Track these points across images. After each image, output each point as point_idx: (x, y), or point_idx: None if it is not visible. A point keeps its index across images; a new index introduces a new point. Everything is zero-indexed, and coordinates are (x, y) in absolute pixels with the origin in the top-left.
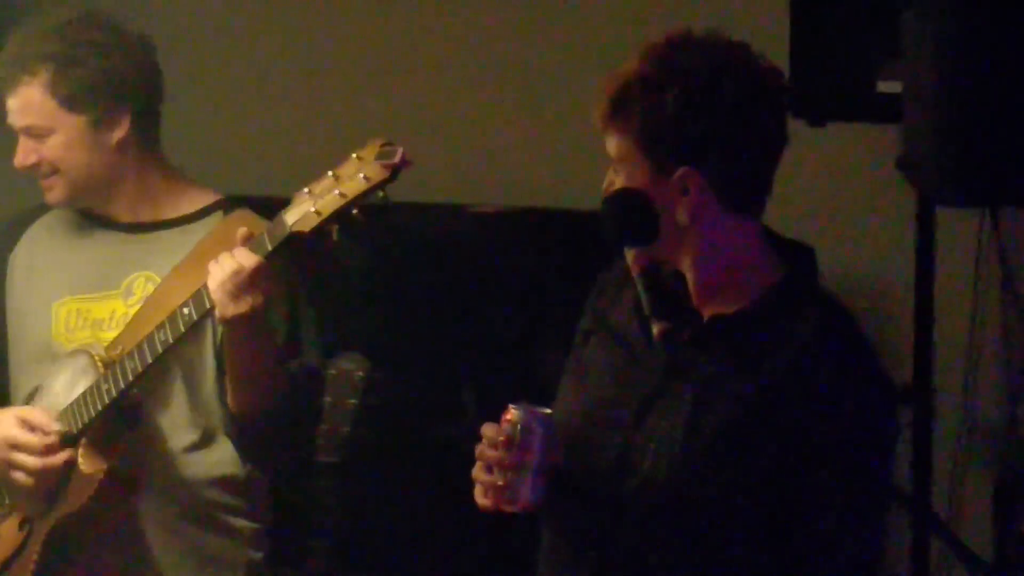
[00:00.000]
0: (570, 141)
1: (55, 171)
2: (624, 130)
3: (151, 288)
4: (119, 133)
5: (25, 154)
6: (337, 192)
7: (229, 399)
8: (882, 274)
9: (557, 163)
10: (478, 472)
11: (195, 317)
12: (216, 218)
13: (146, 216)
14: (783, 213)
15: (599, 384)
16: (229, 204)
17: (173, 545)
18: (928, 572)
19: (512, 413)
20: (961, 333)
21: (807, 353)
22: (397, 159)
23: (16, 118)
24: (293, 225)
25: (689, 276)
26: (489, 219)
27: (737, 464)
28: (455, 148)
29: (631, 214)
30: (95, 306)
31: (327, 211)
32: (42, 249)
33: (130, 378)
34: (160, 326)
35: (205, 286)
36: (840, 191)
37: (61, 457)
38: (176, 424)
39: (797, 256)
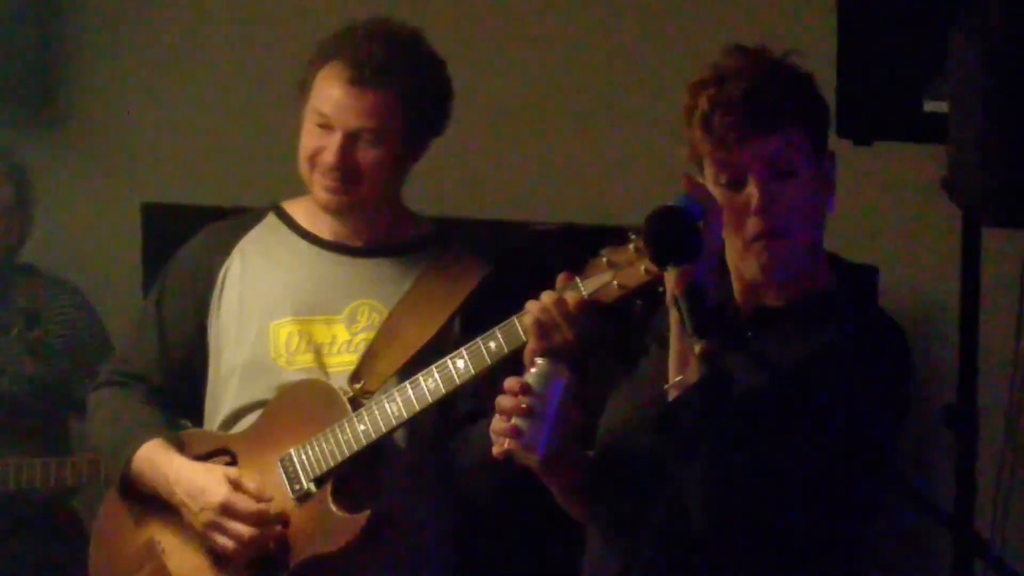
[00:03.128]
0: (632, 159)
1: (359, 179)
2: (795, 128)
3: (376, 317)
4: (415, 161)
5: (346, 155)
6: (643, 268)
7: None
8: (927, 293)
9: (621, 180)
10: (495, 422)
11: (472, 371)
12: (435, 251)
13: (371, 241)
14: (827, 231)
15: (643, 392)
16: (443, 233)
17: None
18: None
19: (537, 363)
20: (1006, 352)
21: (840, 347)
22: None
23: (356, 117)
24: (592, 294)
25: (766, 269)
26: (548, 236)
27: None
28: (515, 165)
29: (676, 233)
30: (316, 330)
31: (631, 285)
32: (257, 264)
33: (392, 424)
34: (427, 374)
35: (477, 342)
36: (885, 210)
37: (274, 531)
38: (395, 467)
39: (856, 272)
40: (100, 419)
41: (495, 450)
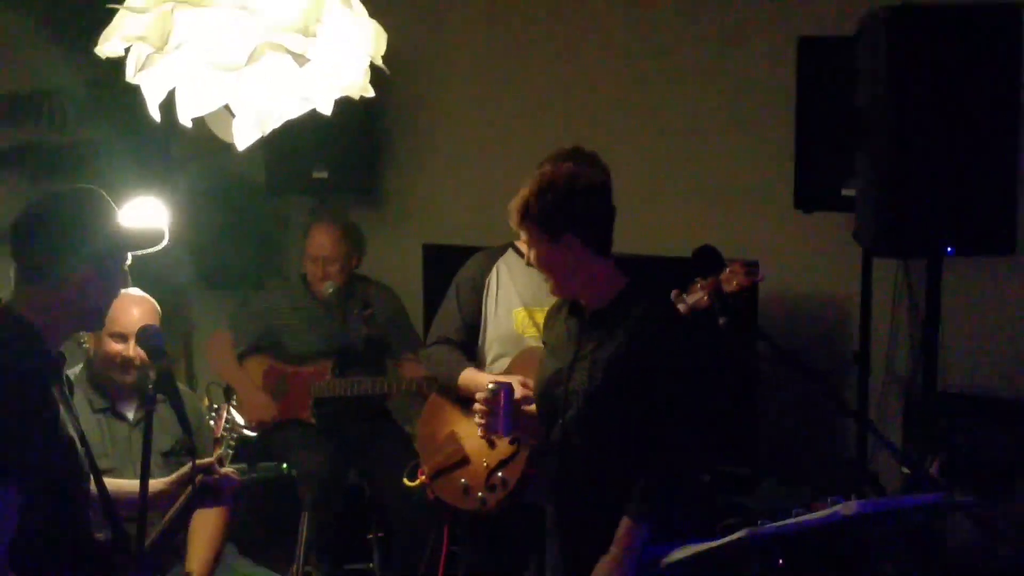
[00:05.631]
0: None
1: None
2: (529, 225)
3: None
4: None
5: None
6: (736, 282)
7: None
8: (842, 298)
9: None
10: (476, 418)
11: None
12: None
13: None
14: (803, 262)
15: (547, 368)
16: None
17: None
18: None
19: (490, 384)
20: (884, 316)
21: (640, 325)
22: (759, 277)
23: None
24: (693, 304)
25: (581, 293)
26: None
27: (615, 391)
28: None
29: (705, 258)
30: (537, 315)
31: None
32: (505, 278)
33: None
34: None
35: None
36: (823, 253)
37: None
38: None
39: (638, 273)
40: (437, 359)
41: (479, 434)
